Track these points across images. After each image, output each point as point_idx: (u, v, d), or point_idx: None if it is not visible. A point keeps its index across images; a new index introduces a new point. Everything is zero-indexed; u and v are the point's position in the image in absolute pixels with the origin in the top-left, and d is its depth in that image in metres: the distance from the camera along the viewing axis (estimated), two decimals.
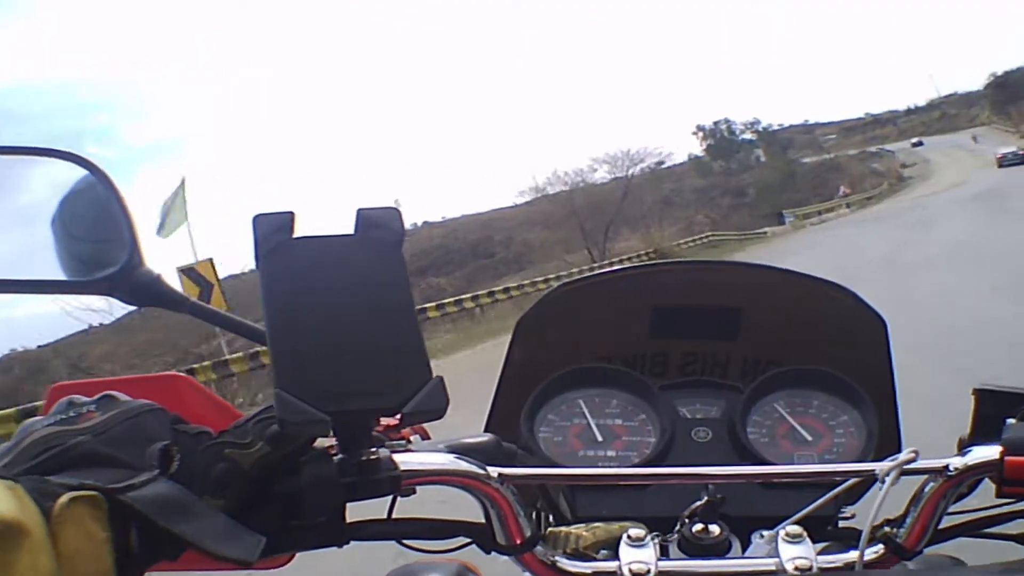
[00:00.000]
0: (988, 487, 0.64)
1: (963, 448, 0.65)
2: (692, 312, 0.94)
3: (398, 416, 0.56)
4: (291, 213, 0.59)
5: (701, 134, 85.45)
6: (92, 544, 0.46)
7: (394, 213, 0.60)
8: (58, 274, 0.77)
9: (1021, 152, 45.52)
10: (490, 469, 0.63)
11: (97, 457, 0.51)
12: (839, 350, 0.89)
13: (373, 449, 0.59)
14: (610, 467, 0.80)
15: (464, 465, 0.63)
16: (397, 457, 0.61)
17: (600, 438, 0.83)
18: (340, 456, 0.59)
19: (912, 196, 40.24)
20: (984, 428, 0.66)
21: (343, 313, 0.57)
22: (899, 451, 0.64)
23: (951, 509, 0.65)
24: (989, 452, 0.62)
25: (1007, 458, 0.61)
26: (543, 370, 0.87)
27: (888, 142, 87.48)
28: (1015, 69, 73.43)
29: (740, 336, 0.94)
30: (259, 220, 0.58)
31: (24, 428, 0.54)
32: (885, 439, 0.80)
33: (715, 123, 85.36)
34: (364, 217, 0.60)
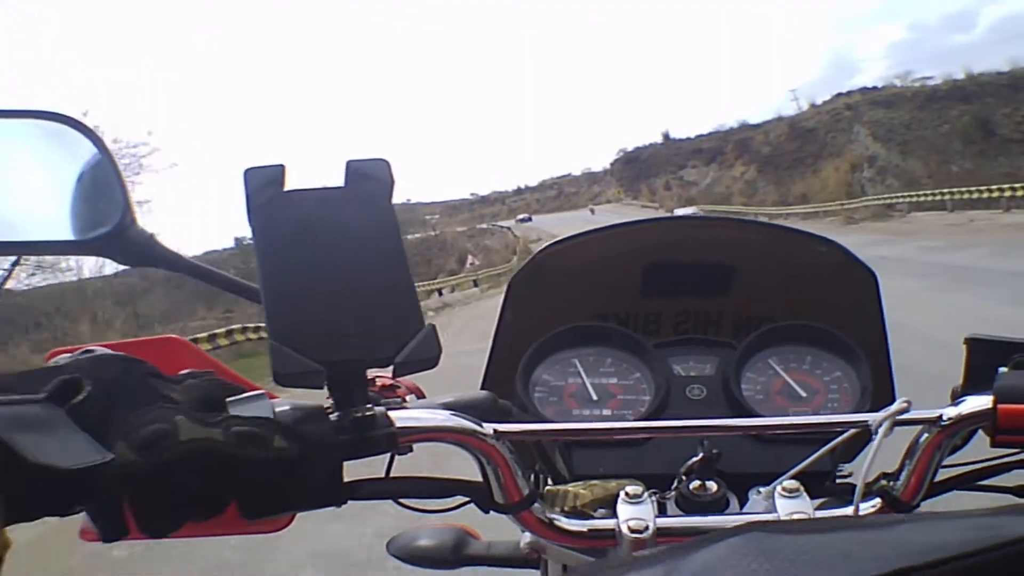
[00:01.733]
0: (983, 440, 0.64)
1: (956, 398, 0.65)
2: (684, 269, 0.94)
3: (391, 368, 0.56)
4: (282, 166, 0.59)
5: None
6: None
7: (383, 164, 0.60)
8: (52, 235, 0.78)
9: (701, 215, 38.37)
10: (486, 426, 0.63)
11: (7, 387, 0.46)
12: (831, 305, 0.89)
13: (369, 406, 0.59)
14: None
15: (461, 422, 0.62)
16: (393, 414, 0.60)
17: (595, 397, 0.83)
18: (336, 414, 0.58)
19: None
20: (976, 378, 0.66)
21: (335, 264, 0.57)
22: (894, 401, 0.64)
23: (947, 462, 0.65)
24: (982, 401, 0.62)
25: (1000, 406, 0.61)
26: (536, 330, 0.86)
27: (499, 219, 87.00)
28: (645, 146, 75.44)
29: (732, 292, 0.95)
30: (250, 174, 0.58)
31: None
32: (879, 393, 0.80)
33: None
34: (353, 169, 0.60)
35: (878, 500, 0.65)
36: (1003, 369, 0.64)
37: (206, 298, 25.52)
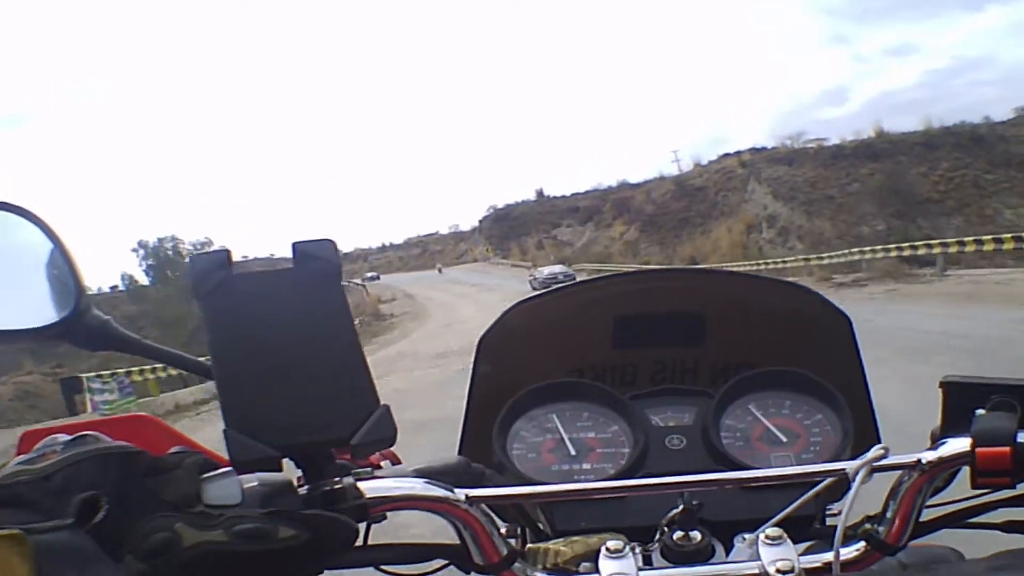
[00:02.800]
0: (968, 476, 0.64)
1: (935, 441, 0.65)
2: (655, 320, 0.94)
3: (348, 448, 0.56)
4: (227, 251, 0.59)
5: (142, 252, 69.15)
6: None
7: (329, 245, 0.60)
8: (7, 324, 0.78)
9: (570, 273, 36.44)
10: (458, 491, 0.63)
11: (25, 500, 0.49)
12: (807, 350, 0.89)
13: (337, 479, 0.58)
14: (585, 480, 0.80)
15: (432, 489, 0.62)
16: (363, 485, 0.59)
17: (574, 452, 0.82)
18: (305, 487, 0.58)
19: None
20: (954, 420, 0.66)
21: (287, 347, 0.56)
22: (874, 446, 0.64)
23: (932, 501, 0.66)
24: (960, 444, 0.62)
25: (978, 449, 0.61)
26: (510, 387, 0.86)
27: (356, 277, 75.15)
28: (517, 203, 68.46)
29: (707, 342, 0.94)
30: (196, 259, 0.58)
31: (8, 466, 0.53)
32: (861, 435, 0.80)
33: (159, 240, 70.39)
34: (300, 250, 0.59)
35: (863, 543, 0.65)
36: (980, 411, 0.64)
37: (32, 351, 23.48)
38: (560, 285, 0.96)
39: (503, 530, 0.65)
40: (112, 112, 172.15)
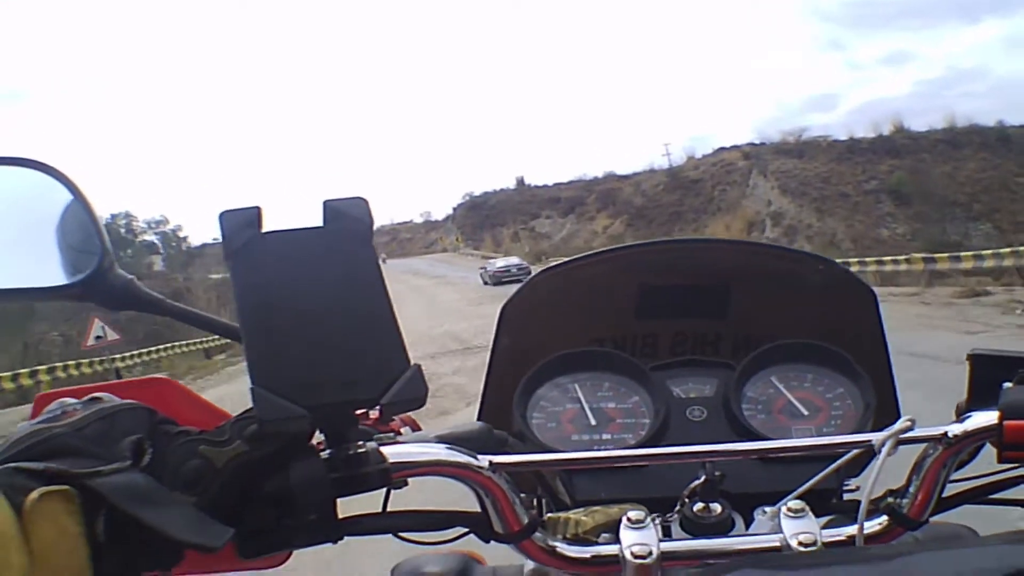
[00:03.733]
0: (990, 453, 0.63)
1: (961, 414, 0.64)
2: (679, 291, 0.93)
3: (378, 408, 0.55)
4: (258, 208, 0.59)
5: None
6: (65, 539, 0.46)
7: (361, 203, 0.60)
8: (32, 281, 0.78)
9: (524, 266, 33.61)
10: (481, 458, 0.62)
11: (71, 449, 0.52)
12: (830, 323, 0.89)
13: (361, 443, 0.58)
14: (605, 450, 0.79)
15: (454, 455, 0.61)
16: (386, 450, 0.59)
17: (594, 422, 0.82)
18: (328, 451, 0.58)
19: None
20: (981, 393, 0.65)
21: (316, 306, 0.56)
22: (897, 420, 0.63)
23: (954, 476, 0.65)
24: (987, 417, 0.61)
25: (1006, 422, 0.60)
26: (532, 356, 0.86)
27: None
28: (494, 191, 63.02)
29: (729, 313, 0.93)
30: (226, 216, 0.58)
31: (18, 429, 0.55)
32: (883, 409, 0.80)
33: (113, 215, 66.03)
34: (331, 208, 0.59)
35: (885, 517, 0.64)
36: (1007, 385, 0.63)
37: None
38: (585, 254, 0.93)
39: (522, 497, 0.64)
40: (67, 81, 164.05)
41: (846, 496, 0.77)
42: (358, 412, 0.60)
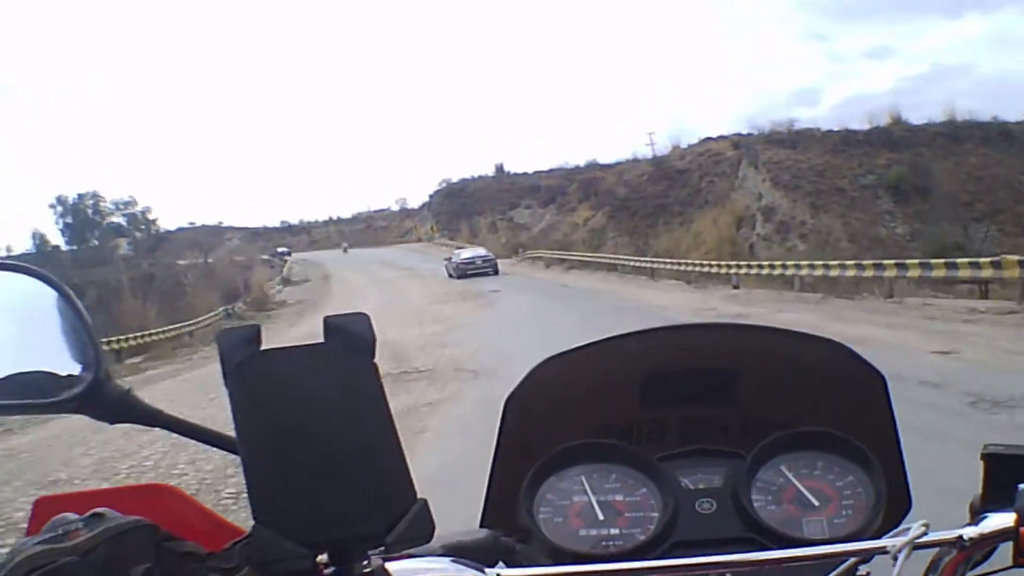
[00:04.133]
0: (1006, 548, 0.63)
1: (976, 515, 0.64)
2: (685, 377, 0.91)
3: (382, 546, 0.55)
4: (257, 326, 0.59)
5: (59, 208, 64.34)
6: None
7: (363, 319, 0.59)
8: (27, 396, 0.76)
9: (490, 258, 32.59)
10: (488, 571, 0.60)
11: None
12: (840, 409, 0.88)
13: (366, 561, 0.56)
14: (614, 547, 0.78)
15: (462, 571, 0.59)
16: (391, 566, 0.57)
17: (602, 516, 0.81)
18: (332, 570, 0.56)
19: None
20: (996, 493, 0.65)
21: (318, 431, 0.55)
22: (909, 508, 0.65)
23: (971, 575, 0.65)
24: (1004, 520, 0.61)
25: (1022, 528, 0.60)
26: (536, 449, 0.85)
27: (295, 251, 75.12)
28: (472, 178, 59.98)
29: (738, 399, 0.92)
30: (223, 335, 0.57)
31: (16, 547, 0.55)
32: (894, 498, 0.80)
33: (79, 196, 64.54)
34: (332, 325, 0.58)
35: None
36: (1023, 485, 0.63)
37: None
38: (587, 344, 0.91)
39: None
40: (38, 55, 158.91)
41: None
42: None
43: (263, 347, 0.57)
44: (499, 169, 56.76)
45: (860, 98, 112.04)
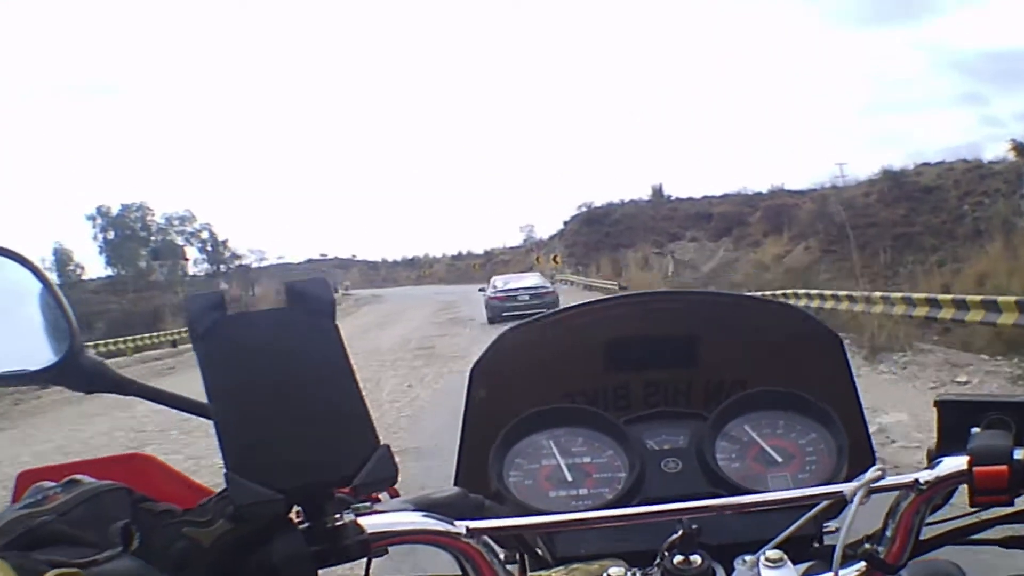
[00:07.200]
0: (964, 494, 0.65)
1: (932, 460, 0.66)
2: (647, 343, 0.94)
3: (349, 488, 0.57)
4: (223, 291, 0.62)
5: (101, 221, 56.85)
6: None
7: (322, 282, 0.62)
8: (3, 366, 0.80)
9: (545, 290, 22.11)
10: (458, 524, 0.63)
11: (63, 536, 0.54)
12: (798, 369, 0.90)
13: (338, 515, 0.59)
14: (583, 506, 0.81)
15: (433, 523, 0.63)
16: (363, 520, 0.60)
17: (570, 478, 0.83)
18: (306, 524, 0.59)
19: None
20: (950, 438, 0.68)
21: (284, 387, 0.57)
22: (872, 463, 0.65)
23: (930, 519, 0.66)
24: (957, 463, 0.63)
25: (976, 468, 0.62)
26: (504, 415, 0.87)
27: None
28: (620, 203, 47.29)
29: (699, 363, 0.95)
30: (191, 300, 0.60)
31: (1, 515, 0.57)
32: (856, 453, 0.82)
33: (124, 207, 57.22)
34: (293, 289, 0.61)
35: (863, 564, 0.65)
36: (976, 429, 0.65)
37: None
38: (552, 312, 0.94)
39: (503, 557, 0.65)
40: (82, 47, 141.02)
41: (826, 540, 0.79)
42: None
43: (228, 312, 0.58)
44: (657, 192, 45.17)
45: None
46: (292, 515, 0.58)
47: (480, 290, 25.53)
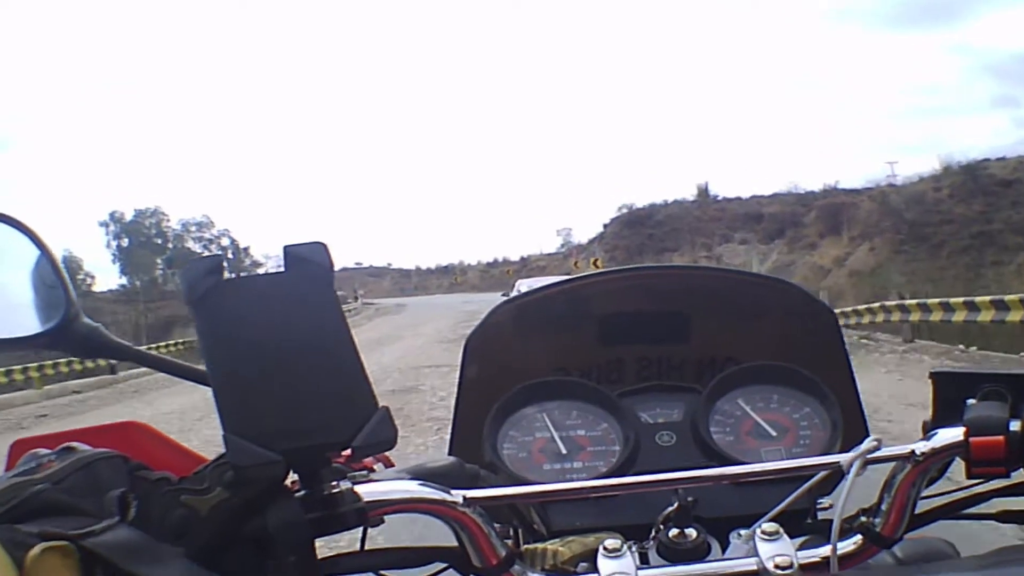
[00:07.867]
0: (961, 466, 0.65)
1: (927, 432, 0.65)
2: (640, 318, 0.95)
3: (349, 450, 0.57)
4: (220, 256, 0.62)
5: (114, 227, 56.12)
6: None
7: (320, 247, 0.61)
8: (1, 331, 0.81)
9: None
10: (454, 493, 0.63)
11: (58, 505, 0.53)
12: (792, 343, 0.91)
13: (335, 483, 0.59)
14: (577, 479, 0.80)
15: (428, 491, 0.62)
16: (360, 488, 0.60)
17: (564, 450, 0.83)
18: (303, 492, 0.58)
19: None
20: (945, 411, 0.67)
21: (282, 351, 0.57)
22: (866, 437, 0.65)
23: (926, 493, 0.66)
24: (953, 434, 0.63)
25: (972, 439, 0.62)
26: (499, 387, 0.87)
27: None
28: (663, 203, 46.61)
29: (692, 338, 0.95)
30: (188, 267, 0.59)
31: None
32: (850, 427, 0.82)
33: (139, 213, 56.64)
34: (292, 254, 0.61)
35: (859, 536, 0.65)
36: (971, 401, 0.65)
37: None
38: (545, 286, 0.95)
39: (498, 530, 0.65)
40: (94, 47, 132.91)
41: (821, 514, 0.80)
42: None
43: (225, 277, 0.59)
44: (703, 192, 43.36)
45: None
46: (288, 483, 0.58)
47: (503, 295, 24.21)
